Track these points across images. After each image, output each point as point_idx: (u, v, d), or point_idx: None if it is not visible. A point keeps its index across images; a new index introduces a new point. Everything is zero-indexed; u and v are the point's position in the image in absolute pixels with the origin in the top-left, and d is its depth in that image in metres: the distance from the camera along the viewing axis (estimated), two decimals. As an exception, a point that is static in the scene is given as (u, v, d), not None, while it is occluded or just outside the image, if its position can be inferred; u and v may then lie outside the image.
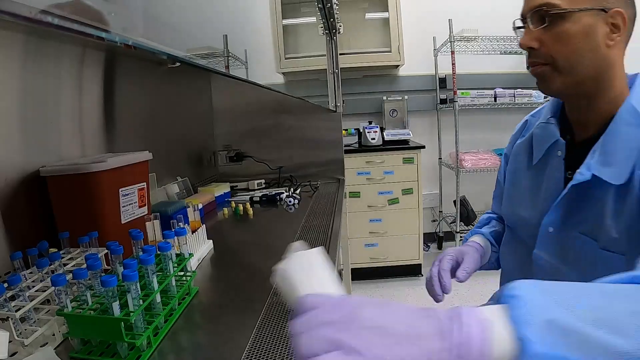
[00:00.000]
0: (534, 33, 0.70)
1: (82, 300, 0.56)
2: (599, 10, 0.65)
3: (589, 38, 0.66)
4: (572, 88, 0.71)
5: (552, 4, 0.67)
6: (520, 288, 0.33)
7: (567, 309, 0.32)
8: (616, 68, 0.69)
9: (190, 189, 1.45)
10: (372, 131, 2.80)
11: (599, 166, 0.67)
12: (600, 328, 0.31)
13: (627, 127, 0.66)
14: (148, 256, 0.59)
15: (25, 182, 0.78)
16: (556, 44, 0.68)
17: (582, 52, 0.67)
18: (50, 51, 0.87)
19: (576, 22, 0.66)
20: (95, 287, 0.57)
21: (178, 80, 1.54)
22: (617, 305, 0.33)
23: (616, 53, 0.68)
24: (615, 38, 0.66)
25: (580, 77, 0.69)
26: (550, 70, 0.71)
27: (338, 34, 1.91)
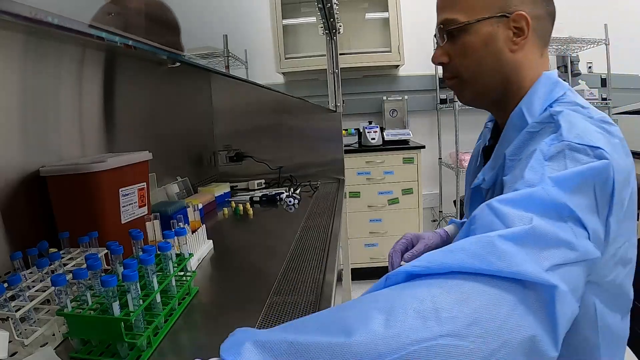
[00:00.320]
0: (443, 48, 0.71)
1: (82, 300, 0.56)
2: (499, 17, 0.65)
3: (490, 46, 0.66)
4: (481, 97, 0.72)
5: (450, 19, 0.68)
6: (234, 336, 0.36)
7: (280, 330, 0.35)
8: (524, 70, 0.68)
9: (190, 189, 1.45)
10: (372, 131, 2.80)
11: (488, 170, 0.69)
12: (314, 336, 0.33)
13: (512, 131, 0.65)
14: (148, 256, 0.59)
15: (25, 182, 0.78)
16: (460, 57, 0.69)
17: (484, 61, 0.68)
18: (50, 51, 0.87)
19: (476, 33, 0.66)
20: (95, 287, 0.57)
21: (178, 80, 1.54)
22: (339, 314, 0.36)
23: (523, 55, 0.67)
24: (519, 42, 0.66)
25: (486, 86, 0.70)
26: (458, 82, 0.72)
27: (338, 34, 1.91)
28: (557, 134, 0.54)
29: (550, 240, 0.41)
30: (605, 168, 0.50)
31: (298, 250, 0.96)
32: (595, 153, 0.51)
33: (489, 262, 0.37)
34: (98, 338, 0.55)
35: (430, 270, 0.39)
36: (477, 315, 0.35)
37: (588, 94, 2.78)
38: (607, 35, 2.66)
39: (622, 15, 2.96)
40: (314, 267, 0.85)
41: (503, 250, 0.38)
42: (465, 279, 0.37)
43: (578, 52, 2.95)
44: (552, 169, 0.49)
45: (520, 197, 0.44)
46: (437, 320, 0.34)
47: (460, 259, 0.38)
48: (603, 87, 2.97)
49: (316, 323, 0.36)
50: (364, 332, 0.33)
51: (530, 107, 0.64)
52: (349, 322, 0.34)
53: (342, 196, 1.54)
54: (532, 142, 0.59)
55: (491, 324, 0.35)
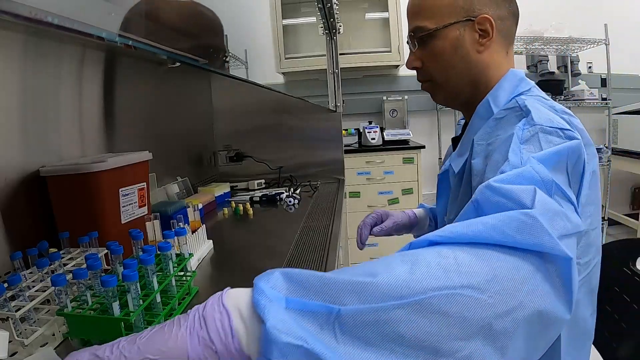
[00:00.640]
0: (416, 54, 0.75)
1: (82, 300, 0.56)
2: (465, 21, 0.69)
3: (458, 49, 0.71)
4: (453, 97, 0.77)
5: (420, 27, 0.72)
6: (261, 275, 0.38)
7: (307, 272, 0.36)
8: (491, 69, 0.71)
9: (190, 189, 1.45)
10: (372, 131, 2.80)
11: (455, 157, 0.72)
12: (341, 274, 0.35)
13: (478, 120, 0.70)
14: (148, 256, 0.59)
15: (25, 182, 0.78)
16: (432, 61, 0.74)
17: (453, 63, 0.72)
18: (50, 51, 0.87)
19: (444, 37, 0.71)
20: (95, 287, 0.57)
21: (178, 80, 1.54)
22: (370, 263, 0.38)
23: (489, 55, 0.71)
24: (485, 42, 0.70)
25: (457, 87, 0.74)
26: (431, 85, 0.77)
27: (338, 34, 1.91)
28: (529, 119, 0.57)
29: (554, 212, 0.42)
30: (577, 147, 0.53)
31: (298, 250, 0.96)
32: (567, 134, 0.54)
33: (508, 235, 0.38)
34: (98, 338, 0.55)
35: (452, 239, 0.40)
36: (496, 273, 0.36)
37: (588, 94, 2.78)
38: (607, 35, 2.66)
39: (622, 15, 2.96)
40: (314, 267, 0.85)
41: (522, 222, 0.39)
42: (486, 247, 0.38)
43: (578, 52, 2.95)
44: (528, 151, 0.52)
45: (512, 176, 0.46)
46: (458, 273, 0.35)
47: (480, 230, 0.39)
48: (603, 87, 2.97)
49: (344, 270, 0.38)
50: (388, 275, 0.35)
51: (496, 98, 0.68)
52: (375, 268, 0.36)
53: (342, 196, 1.54)
54: (500, 128, 0.62)
55: (509, 283, 0.36)
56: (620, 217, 3.02)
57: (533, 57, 3.06)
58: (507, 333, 0.35)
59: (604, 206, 2.81)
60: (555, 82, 3.02)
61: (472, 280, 0.35)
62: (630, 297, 0.84)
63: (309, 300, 0.34)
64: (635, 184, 3.31)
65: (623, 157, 2.84)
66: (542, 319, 0.37)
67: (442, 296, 0.34)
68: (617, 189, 3.19)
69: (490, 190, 0.44)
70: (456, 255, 0.37)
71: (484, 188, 0.45)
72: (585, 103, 2.78)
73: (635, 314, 0.82)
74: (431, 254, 0.38)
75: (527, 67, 3.14)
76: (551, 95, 2.80)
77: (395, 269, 0.36)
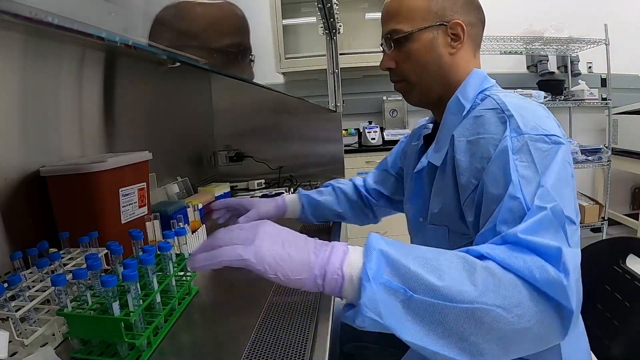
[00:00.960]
0: (390, 55, 0.80)
1: (82, 300, 0.56)
2: (439, 26, 0.75)
3: (432, 51, 0.76)
4: (426, 97, 0.81)
5: (396, 29, 0.76)
6: (370, 239, 0.51)
7: (399, 252, 0.50)
8: (461, 70, 0.77)
9: (190, 189, 1.45)
10: (372, 131, 2.80)
11: (432, 154, 0.76)
12: (420, 268, 0.48)
13: (451, 116, 0.75)
14: (148, 256, 0.59)
15: (25, 182, 0.78)
16: (406, 63, 0.78)
17: (427, 64, 0.77)
18: (50, 51, 0.87)
19: (418, 40, 0.75)
20: (95, 287, 0.57)
21: (178, 80, 1.54)
22: (440, 259, 0.50)
23: (460, 57, 0.77)
24: (456, 46, 0.76)
25: (429, 86, 0.79)
26: (406, 85, 0.81)
27: (338, 34, 1.91)
28: (515, 127, 0.62)
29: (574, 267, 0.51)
30: (567, 149, 0.60)
31: (298, 250, 0.96)
32: (552, 139, 0.60)
33: (537, 280, 0.49)
34: (98, 338, 0.55)
35: (501, 263, 0.50)
36: (521, 301, 0.47)
37: (588, 94, 2.78)
38: (607, 35, 2.66)
39: (622, 15, 2.96)
40: (314, 267, 0.85)
41: (552, 277, 0.49)
42: (522, 280, 0.49)
43: (578, 52, 2.95)
44: (521, 161, 0.59)
45: (535, 225, 0.53)
46: (496, 293, 0.47)
47: (521, 266, 0.49)
48: (603, 87, 2.97)
49: (422, 256, 0.50)
50: (449, 281, 0.47)
51: (464, 94, 0.74)
52: (441, 268, 0.49)
53: (342, 196, 1.54)
54: (480, 126, 0.66)
55: (528, 311, 0.48)
56: (620, 217, 3.02)
57: (533, 57, 3.06)
58: (516, 342, 0.49)
59: (604, 206, 2.81)
60: (555, 82, 3.02)
61: (505, 302, 0.47)
62: (621, 295, 0.86)
63: (397, 283, 0.48)
64: (635, 184, 3.31)
65: (623, 157, 2.84)
66: (542, 340, 0.50)
67: (482, 309, 0.46)
68: (617, 189, 3.19)
69: (522, 243, 0.52)
70: (499, 278, 0.48)
71: (515, 240, 0.52)
72: (585, 103, 2.78)
73: (627, 312, 0.83)
74: (483, 272, 0.49)
75: (527, 67, 3.14)
76: (551, 95, 2.80)
77: (455, 276, 0.48)
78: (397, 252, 0.49)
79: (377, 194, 1.10)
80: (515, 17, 2.87)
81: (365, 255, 0.49)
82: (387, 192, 1.08)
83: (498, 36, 2.66)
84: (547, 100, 2.74)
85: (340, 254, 0.50)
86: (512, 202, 0.56)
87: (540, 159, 0.58)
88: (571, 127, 3.14)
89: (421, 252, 0.51)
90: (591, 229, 2.87)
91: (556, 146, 0.59)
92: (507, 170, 0.58)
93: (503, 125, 0.63)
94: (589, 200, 2.84)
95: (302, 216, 1.07)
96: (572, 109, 3.11)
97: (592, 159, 2.72)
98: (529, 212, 0.54)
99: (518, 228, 0.53)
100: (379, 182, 1.10)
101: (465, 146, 0.67)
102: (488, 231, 0.57)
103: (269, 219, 0.99)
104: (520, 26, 2.72)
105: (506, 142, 0.60)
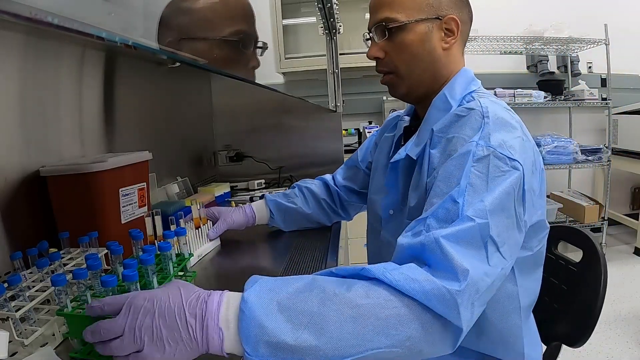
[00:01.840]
0: (379, 44, 0.78)
1: (82, 300, 0.56)
2: (434, 19, 0.74)
3: (425, 44, 0.75)
4: (413, 91, 0.80)
5: (391, 18, 0.75)
6: (246, 301, 0.49)
7: (279, 319, 0.47)
8: (450, 66, 0.77)
9: (190, 189, 1.45)
10: (372, 131, 2.80)
11: (412, 147, 0.75)
12: (305, 332, 0.47)
13: (436, 112, 0.75)
14: (148, 256, 0.59)
15: (25, 182, 0.78)
16: (397, 53, 0.77)
17: (420, 57, 0.76)
18: (50, 51, 0.87)
19: (413, 31, 0.74)
20: (96, 287, 0.57)
21: (178, 80, 1.54)
22: (325, 312, 0.48)
23: (452, 53, 0.77)
24: (450, 41, 0.75)
25: (419, 79, 0.78)
26: (395, 77, 0.79)
27: (338, 34, 1.91)
28: (485, 135, 0.63)
29: (477, 290, 0.53)
30: (519, 178, 0.61)
31: (298, 250, 0.96)
32: (512, 164, 0.61)
33: (430, 302, 0.50)
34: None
35: (393, 284, 0.51)
36: (410, 335, 0.49)
37: (588, 94, 2.78)
38: (607, 35, 2.66)
39: (622, 15, 2.96)
40: (314, 267, 0.85)
41: (443, 296, 0.50)
42: (410, 308, 0.50)
43: (578, 52, 2.95)
44: (477, 170, 0.60)
45: (461, 233, 0.55)
46: (387, 335, 0.49)
47: (415, 288, 0.50)
48: (603, 87, 2.97)
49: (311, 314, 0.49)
50: (333, 337, 0.48)
51: (452, 92, 0.75)
52: (324, 321, 0.48)
53: (342, 196, 1.54)
54: (459, 125, 0.67)
55: (419, 344, 0.50)
56: (620, 217, 3.02)
57: (533, 57, 3.06)
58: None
59: (604, 206, 2.81)
60: (555, 82, 3.02)
61: (394, 341, 0.49)
62: (557, 279, 0.92)
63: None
64: (635, 184, 3.31)
65: (623, 157, 2.84)
66: (433, 354, 0.53)
67: (373, 354, 0.48)
68: (617, 189, 3.18)
69: (439, 247, 0.53)
70: (385, 317, 0.49)
71: (435, 242, 0.54)
72: (585, 103, 2.77)
73: (564, 293, 0.90)
74: (371, 314, 0.49)
75: (527, 67, 3.14)
76: (551, 95, 2.80)
77: (340, 329, 0.48)
78: (276, 321, 0.47)
79: (347, 191, 1.09)
80: (515, 17, 2.87)
81: (243, 340, 0.46)
82: (357, 187, 1.07)
83: (498, 36, 2.65)
84: (547, 100, 2.74)
85: (217, 339, 0.47)
86: (451, 203, 0.58)
87: (493, 176, 0.60)
88: (571, 127, 3.14)
89: (307, 305, 0.49)
90: (591, 229, 2.87)
91: (512, 171, 0.60)
92: (460, 173, 0.61)
93: (477, 130, 0.64)
94: (589, 200, 2.84)
95: (272, 222, 1.06)
96: (572, 109, 3.11)
97: (592, 159, 2.72)
98: (459, 219, 0.56)
99: (442, 232, 0.55)
100: (348, 178, 1.09)
101: (440, 141, 0.69)
102: (419, 221, 0.60)
103: (237, 228, 1.01)
104: (520, 26, 2.72)
105: (471, 146, 0.62)
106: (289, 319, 0.48)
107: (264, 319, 0.47)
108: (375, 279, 0.52)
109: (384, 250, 0.85)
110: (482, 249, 0.56)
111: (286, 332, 0.46)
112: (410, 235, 0.59)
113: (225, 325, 0.48)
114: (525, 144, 0.66)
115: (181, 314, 0.47)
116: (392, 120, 0.98)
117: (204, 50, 0.64)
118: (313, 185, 1.09)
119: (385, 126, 0.99)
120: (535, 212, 0.69)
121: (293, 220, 1.07)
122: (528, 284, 0.74)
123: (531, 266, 0.75)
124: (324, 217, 1.09)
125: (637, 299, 2.24)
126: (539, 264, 0.77)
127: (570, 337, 0.86)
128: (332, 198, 1.09)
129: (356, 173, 1.07)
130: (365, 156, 1.05)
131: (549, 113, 3.13)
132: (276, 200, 1.06)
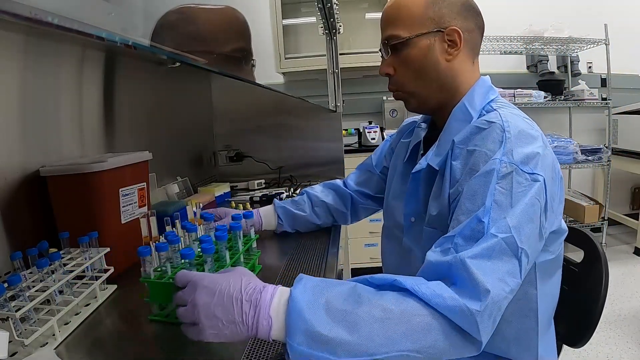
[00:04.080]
0: (388, 61, 0.80)
1: (162, 271, 0.66)
2: (436, 32, 0.75)
3: (428, 57, 0.76)
4: (425, 103, 0.81)
5: (394, 35, 0.77)
6: (293, 299, 0.52)
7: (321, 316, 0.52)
8: (460, 76, 0.78)
9: (190, 189, 1.45)
10: (372, 131, 2.80)
11: (433, 157, 0.77)
12: (340, 328, 0.51)
13: (456, 122, 0.76)
14: (222, 233, 0.70)
15: (25, 182, 0.78)
16: (404, 69, 0.79)
17: (424, 70, 0.77)
18: (50, 51, 0.87)
19: (416, 46, 0.76)
20: (174, 260, 0.66)
21: (178, 80, 1.54)
22: (358, 312, 0.52)
23: (457, 64, 0.77)
24: (453, 52, 0.76)
25: (427, 92, 0.79)
26: (404, 94, 0.82)
27: (338, 34, 1.91)
28: (508, 153, 0.64)
29: (498, 309, 0.57)
30: (541, 189, 0.63)
31: (298, 250, 0.96)
32: (533, 177, 0.63)
33: (455, 318, 0.54)
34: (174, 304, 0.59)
35: (422, 297, 0.54)
36: (435, 344, 0.53)
37: (588, 94, 2.78)
38: (607, 35, 2.66)
39: (622, 15, 2.96)
40: (314, 267, 0.85)
41: (464, 314, 0.54)
42: (435, 318, 0.54)
43: (578, 52, 2.95)
44: (501, 187, 0.62)
45: (486, 251, 0.58)
46: (412, 340, 0.52)
47: (439, 304, 0.54)
48: (603, 87, 2.97)
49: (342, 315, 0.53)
50: (365, 336, 0.51)
51: (472, 102, 0.76)
52: (357, 322, 0.52)
53: (342, 196, 1.53)
54: (480, 138, 0.68)
55: (438, 352, 0.54)
56: (621, 217, 3.02)
57: (533, 57, 3.06)
58: None
59: (604, 206, 2.81)
60: (555, 82, 3.02)
61: (418, 346, 0.52)
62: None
63: (318, 352, 0.51)
64: (635, 184, 3.31)
65: (623, 157, 2.84)
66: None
67: (399, 355, 0.52)
68: (617, 189, 3.18)
69: (465, 268, 0.56)
70: (414, 323, 0.53)
71: (461, 263, 0.56)
72: (585, 103, 2.77)
73: (566, 294, 0.88)
74: (400, 320, 0.53)
75: (527, 67, 3.14)
76: (551, 95, 2.80)
77: (371, 329, 0.52)
78: (316, 314, 0.52)
79: (361, 195, 1.10)
80: (515, 17, 2.87)
81: (287, 328, 0.51)
82: (372, 192, 1.08)
83: (498, 36, 2.65)
84: (547, 100, 2.74)
85: (266, 325, 0.52)
86: (476, 223, 0.61)
87: (516, 192, 0.62)
88: (571, 127, 3.14)
89: (346, 305, 0.53)
90: (591, 229, 2.87)
91: (534, 183, 0.62)
92: (485, 190, 0.62)
93: (499, 144, 0.65)
94: (589, 200, 2.84)
95: (280, 228, 1.07)
96: (572, 109, 3.11)
97: (592, 159, 2.72)
98: (484, 237, 0.59)
99: (468, 252, 0.57)
100: (361, 182, 1.10)
101: (461, 153, 0.70)
102: (447, 238, 0.62)
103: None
104: (520, 26, 2.72)
105: (495, 164, 0.63)
106: (328, 314, 0.52)
107: (305, 312, 0.51)
108: (406, 289, 0.55)
109: (405, 256, 0.86)
110: (515, 259, 0.58)
111: (323, 325, 0.51)
112: (439, 252, 0.61)
113: (275, 314, 0.52)
114: (546, 151, 0.67)
115: (238, 299, 0.52)
116: (408, 125, 0.98)
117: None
118: (322, 194, 1.10)
119: (401, 132, 1.00)
120: (557, 218, 0.71)
121: (301, 226, 1.09)
122: (547, 289, 0.76)
123: (552, 269, 0.76)
124: (331, 223, 1.11)
125: (637, 299, 2.24)
126: (559, 266, 0.79)
127: (571, 338, 0.86)
128: (344, 204, 1.10)
129: (370, 177, 1.08)
130: (379, 160, 1.06)
131: (549, 113, 3.12)
132: (285, 207, 1.07)
